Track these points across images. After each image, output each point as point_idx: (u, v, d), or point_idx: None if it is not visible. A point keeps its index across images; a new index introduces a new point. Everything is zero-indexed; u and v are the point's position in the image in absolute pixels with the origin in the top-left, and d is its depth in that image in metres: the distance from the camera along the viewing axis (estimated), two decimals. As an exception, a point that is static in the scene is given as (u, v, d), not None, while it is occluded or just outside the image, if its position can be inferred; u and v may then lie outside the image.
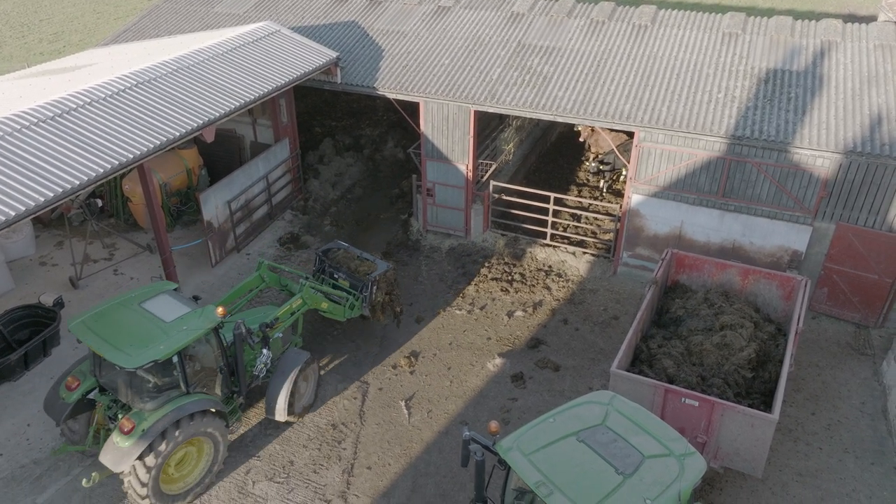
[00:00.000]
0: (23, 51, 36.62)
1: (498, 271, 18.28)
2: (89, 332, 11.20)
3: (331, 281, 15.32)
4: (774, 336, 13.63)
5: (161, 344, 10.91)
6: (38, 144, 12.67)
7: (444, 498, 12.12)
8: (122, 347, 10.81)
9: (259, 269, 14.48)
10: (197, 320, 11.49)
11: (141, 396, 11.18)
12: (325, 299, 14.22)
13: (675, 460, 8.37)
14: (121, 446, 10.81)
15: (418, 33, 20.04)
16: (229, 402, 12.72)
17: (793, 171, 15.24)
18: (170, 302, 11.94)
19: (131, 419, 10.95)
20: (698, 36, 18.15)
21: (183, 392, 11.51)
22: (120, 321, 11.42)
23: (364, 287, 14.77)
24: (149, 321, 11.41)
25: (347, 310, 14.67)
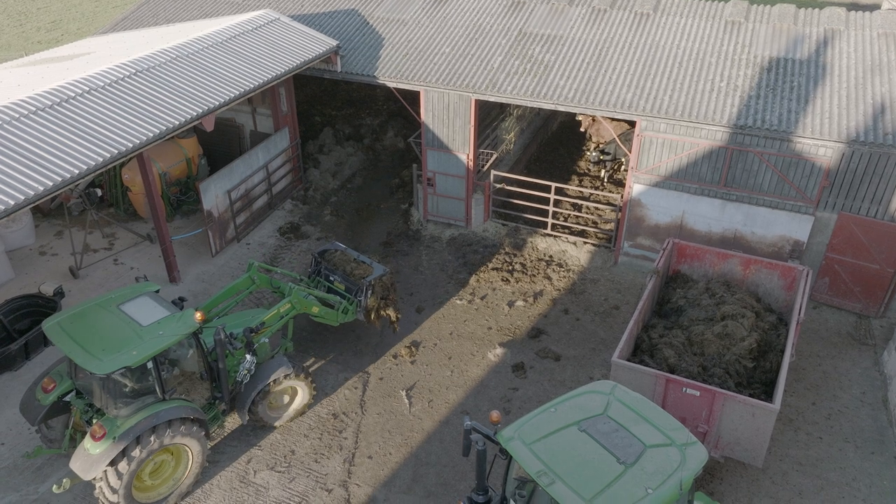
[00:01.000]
0: (20, 39, 36.43)
1: (499, 261, 18.25)
2: (63, 335, 10.78)
3: (326, 283, 14.99)
4: (776, 326, 13.62)
5: (134, 349, 10.48)
6: (36, 133, 12.60)
7: (445, 487, 12.15)
8: (93, 352, 10.39)
9: (249, 271, 13.95)
10: (174, 325, 11.06)
11: (115, 402, 10.77)
12: (316, 303, 13.76)
13: (676, 450, 8.37)
14: (91, 453, 10.50)
15: (419, 21, 19.91)
16: (210, 408, 12.38)
17: (795, 161, 15.18)
18: (149, 305, 11.49)
19: (103, 426, 10.60)
20: (701, 24, 18.02)
21: (159, 398, 11.13)
22: (95, 324, 11.00)
23: (359, 291, 14.43)
24: (125, 325, 10.96)
25: (341, 314, 14.26)
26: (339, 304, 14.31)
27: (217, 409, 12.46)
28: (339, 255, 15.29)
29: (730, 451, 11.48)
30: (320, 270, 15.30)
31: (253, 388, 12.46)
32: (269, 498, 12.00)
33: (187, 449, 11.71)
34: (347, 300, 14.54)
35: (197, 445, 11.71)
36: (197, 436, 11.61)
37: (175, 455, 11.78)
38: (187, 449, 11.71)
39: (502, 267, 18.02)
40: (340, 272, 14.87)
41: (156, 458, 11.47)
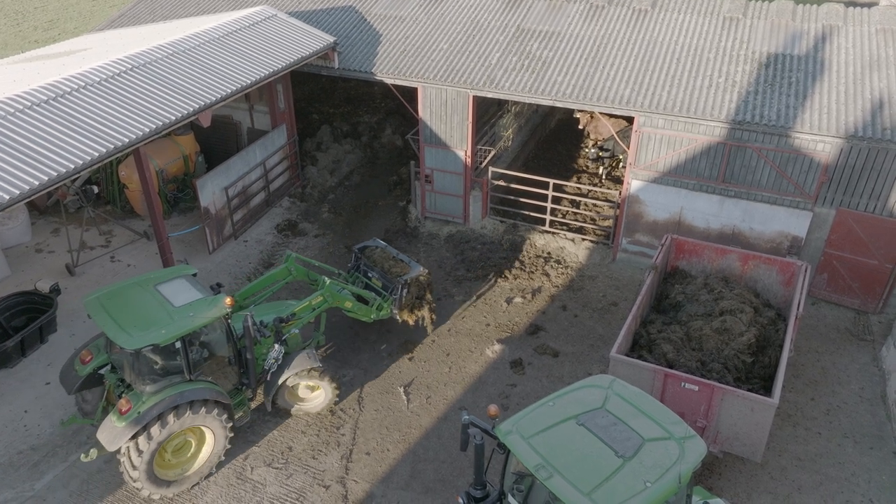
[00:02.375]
0: (17, 38, 36.32)
1: (497, 258, 18.20)
2: (100, 309, 11.25)
3: (364, 279, 15.04)
4: (774, 321, 13.59)
5: (163, 328, 10.83)
6: (32, 128, 12.54)
7: (443, 483, 12.10)
8: (125, 328, 10.79)
9: (287, 262, 13.95)
10: (205, 308, 11.36)
11: (143, 378, 11.11)
12: (349, 298, 13.73)
13: (675, 443, 8.33)
14: (116, 426, 10.81)
15: (416, 18, 19.86)
16: (237, 393, 12.56)
17: (793, 156, 15.15)
18: (184, 287, 11.85)
19: (129, 400, 10.94)
20: (699, 20, 17.99)
21: (186, 379, 11.39)
22: (131, 301, 11.45)
23: (394, 289, 14.39)
24: (158, 304, 11.35)
25: (375, 311, 14.27)
26: (374, 300, 14.31)
27: (243, 394, 12.62)
28: (379, 252, 15.22)
29: (728, 446, 11.44)
30: (359, 266, 15.25)
31: (278, 378, 12.54)
32: (267, 494, 11.95)
33: (210, 431, 11.85)
34: (383, 297, 14.49)
35: (219, 428, 11.85)
36: (219, 419, 11.75)
37: (198, 436, 11.95)
38: (210, 431, 11.85)
39: (500, 264, 17.98)
40: (378, 269, 14.83)
41: (178, 437, 11.65)
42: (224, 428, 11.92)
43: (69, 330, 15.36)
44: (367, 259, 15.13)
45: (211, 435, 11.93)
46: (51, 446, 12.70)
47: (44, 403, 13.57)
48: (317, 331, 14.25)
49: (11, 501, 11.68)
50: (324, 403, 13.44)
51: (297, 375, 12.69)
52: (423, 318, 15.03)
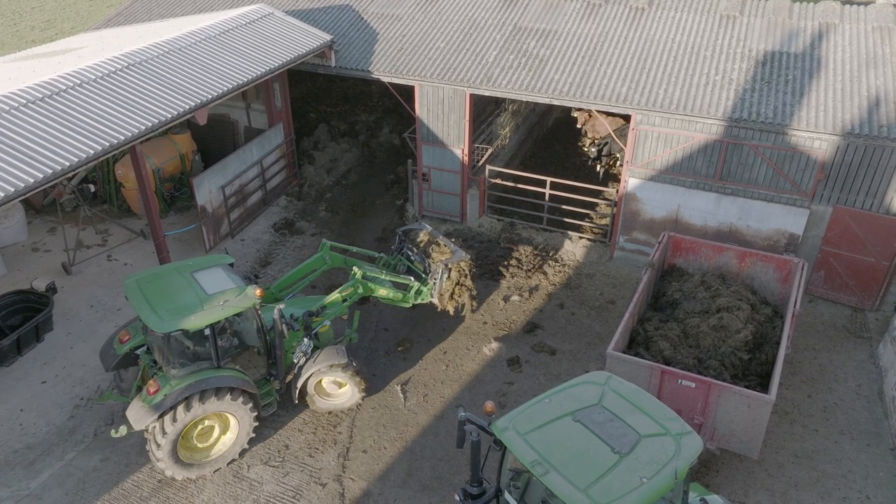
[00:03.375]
0: (14, 38, 36.27)
1: (494, 256, 18.18)
2: (137, 292, 11.54)
3: (406, 262, 14.70)
4: (771, 318, 13.60)
5: (193, 314, 11.04)
6: (27, 125, 12.51)
7: (440, 481, 12.08)
8: (158, 311, 11.06)
9: (322, 250, 13.84)
10: (235, 298, 11.50)
11: (172, 362, 11.35)
12: (385, 285, 13.44)
13: (671, 439, 8.32)
14: (144, 406, 11.15)
15: (413, 16, 19.85)
16: (265, 384, 12.67)
17: (790, 154, 15.16)
18: (220, 276, 12.03)
19: (158, 382, 11.26)
20: (695, 18, 18.00)
21: (214, 365, 11.59)
22: (167, 286, 11.72)
23: (434, 273, 14.02)
24: (192, 290, 11.57)
25: (413, 295, 13.95)
26: (412, 285, 13.88)
27: (271, 385, 12.72)
28: (423, 236, 14.89)
29: (726, 442, 11.44)
30: (402, 249, 14.96)
31: (306, 371, 12.59)
32: (263, 492, 11.93)
33: (234, 418, 11.99)
34: (422, 281, 14.10)
35: (244, 416, 11.98)
36: (244, 407, 11.86)
37: (222, 422, 12.11)
38: (234, 418, 11.99)
39: (497, 262, 17.96)
40: (420, 252, 14.51)
41: (204, 422, 11.84)
42: (249, 416, 12.05)
43: (65, 329, 15.33)
44: (411, 242, 14.77)
45: (235, 422, 12.08)
46: (46, 445, 12.66)
47: (40, 402, 13.54)
48: (350, 328, 14.01)
49: (7, 500, 11.65)
50: (350, 401, 13.38)
51: (323, 370, 12.71)
52: (464, 306, 14.68)
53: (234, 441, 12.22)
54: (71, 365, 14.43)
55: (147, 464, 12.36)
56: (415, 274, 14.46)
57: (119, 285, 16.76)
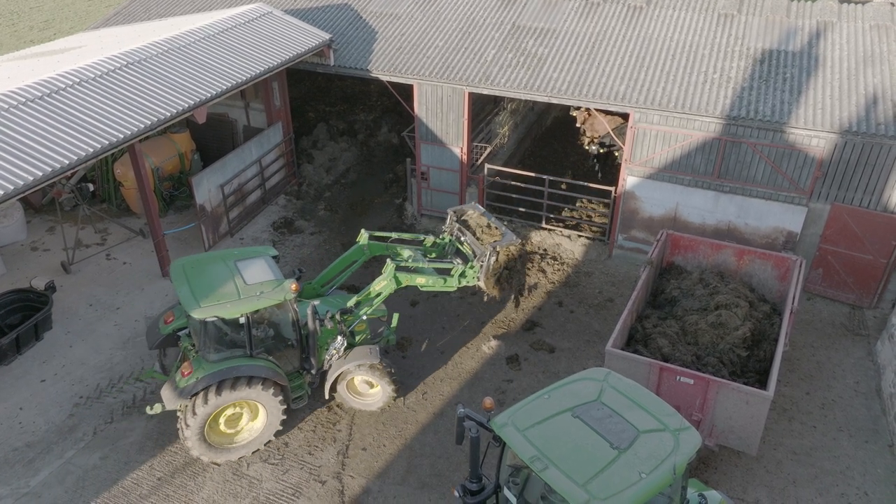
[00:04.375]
0: (13, 39, 36.25)
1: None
2: (181, 275, 11.85)
3: (455, 244, 14.07)
4: (769, 315, 13.63)
5: (229, 303, 11.28)
6: (26, 124, 12.53)
7: (439, 478, 12.10)
8: (196, 296, 11.32)
9: (361, 240, 13.53)
10: (272, 290, 11.63)
11: (207, 346, 11.58)
12: (424, 273, 12.88)
13: (669, 435, 8.34)
14: (177, 387, 11.51)
15: (412, 15, 19.87)
16: (296, 377, 12.73)
17: (788, 152, 15.19)
18: (262, 267, 12.19)
19: (192, 365, 11.55)
20: (693, 17, 18.04)
21: (247, 354, 11.75)
22: (210, 272, 11.97)
23: (481, 256, 13.14)
24: (232, 279, 11.79)
25: (458, 279, 13.07)
26: (455, 268, 13.11)
27: (303, 379, 12.77)
28: (476, 217, 14.12)
29: (724, 439, 11.47)
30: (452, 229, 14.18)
31: (337, 369, 12.63)
32: (263, 490, 11.94)
33: (263, 408, 12.14)
34: (469, 264, 13.31)
35: (273, 407, 12.10)
36: (272, 398, 11.98)
37: (251, 410, 12.30)
38: (263, 408, 12.14)
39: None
40: (471, 234, 13.75)
41: (233, 409, 12.08)
42: (277, 407, 12.13)
43: (64, 327, 15.34)
44: (462, 222, 14.08)
45: (264, 412, 12.19)
46: (46, 443, 12.67)
47: (39, 400, 13.55)
48: (388, 327, 13.77)
49: (6, 498, 11.66)
50: (381, 402, 13.30)
51: (352, 369, 12.71)
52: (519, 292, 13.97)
53: (262, 430, 12.36)
54: (70, 363, 14.44)
55: (146, 462, 12.38)
56: (463, 256, 13.73)
57: (118, 284, 16.78)
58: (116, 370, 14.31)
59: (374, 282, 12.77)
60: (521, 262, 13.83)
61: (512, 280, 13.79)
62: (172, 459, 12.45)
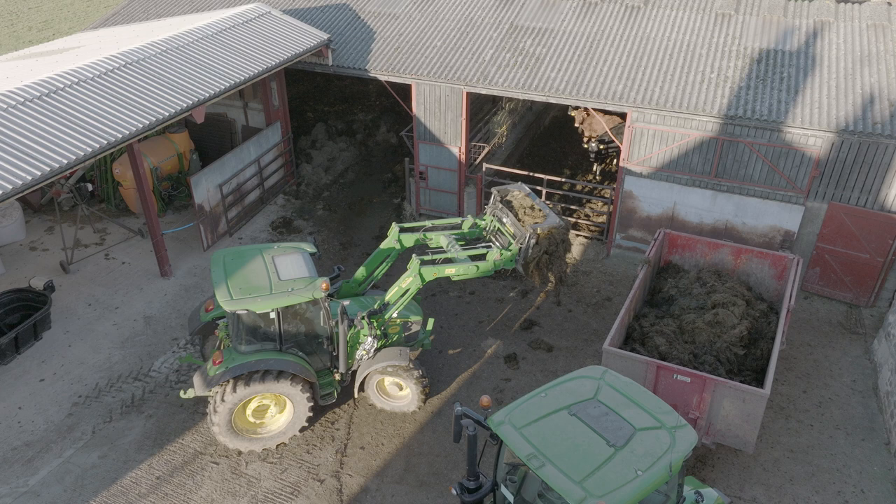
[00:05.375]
0: (11, 39, 36.25)
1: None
2: (220, 266, 12.08)
3: (496, 225, 13.39)
4: (766, 314, 13.67)
5: (260, 297, 11.41)
6: (25, 124, 12.56)
7: (438, 476, 12.14)
8: (230, 288, 11.53)
9: (391, 234, 13.16)
10: (303, 287, 11.70)
11: (239, 337, 11.75)
12: (457, 263, 12.26)
13: (666, 432, 8.38)
14: (207, 374, 11.76)
15: (410, 15, 19.90)
16: (326, 374, 12.77)
17: (785, 151, 15.23)
18: (298, 263, 12.29)
19: (223, 354, 11.74)
20: (691, 17, 18.08)
21: (277, 348, 11.89)
22: (247, 265, 12.15)
23: (520, 238, 12.57)
24: (267, 273, 11.94)
25: (493, 263, 12.46)
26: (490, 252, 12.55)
27: (332, 377, 12.80)
28: (520, 197, 13.46)
29: (721, 437, 11.50)
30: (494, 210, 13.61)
31: (366, 369, 12.62)
32: (261, 489, 11.97)
33: (290, 402, 12.27)
34: (508, 247, 12.78)
35: (299, 401, 12.19)
36: (299, 393, 12.07)
37: (279, 403, 12.44)
38: (290, 402, 12.27)
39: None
40: (512, 215, 13.05)
41: (260, 401, 12.26)
42: (304, 402, 12.21)
43: (63, 327, 15.37)
44: (505, 204, 13.35)
45: (290, 406, 12.28)
46: (45, 442, 12.70)
47: (38, 400, 13.57)
48: (423, 332, 13.58)
49: (6, 497, 11.68)
50: (410, 405, 13.24)
51: (381, 370, 12.67)
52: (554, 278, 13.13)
53: (288, 424, 12.45)
54: (69, 363, 14.47)
55: (145, 461, 12.41)
56: (503, 238, 13.05)
57: (117, 284, 16.81)
58: (115, 369, 14.34)
59: (400, 279, 12.38)
60: (563, 247, 13.00)
61: (552, 266, 12.98)
62: (171, 458, 12.48)
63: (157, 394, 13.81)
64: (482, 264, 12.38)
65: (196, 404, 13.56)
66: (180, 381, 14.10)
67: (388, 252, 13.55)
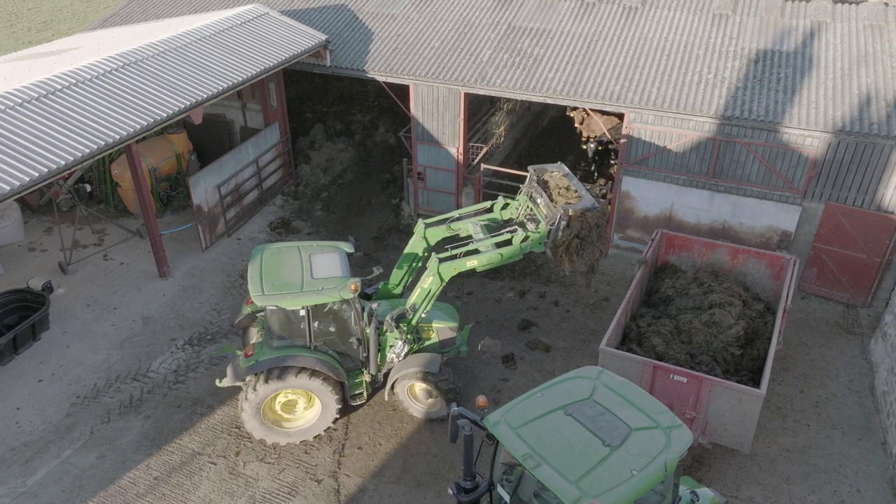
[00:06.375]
0: (11, 40, 36.27)
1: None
2: (258, 260, 12.29)
3: (529, 205, 12.44)
4: (763, 314, 13.70)
5: (290, 294, 11.55)
6: (23, 125, 12.59)
7: (435, 476, 12.16)
8: (264, 283, 11.72)
9: (417, 232, 12.69)
10: (333, 287, 11.74)
11: (271, 332, 11.91)
12: (483, 254, 11.57)
13: (661, 432, 8.40)
14: (239, 366, 11.99)
15: (408, 16, 19.94)
16: (356, 374, 12.77)
17: (782, 151, 15.27)
18: (334, 262, 12.33)
19: (254, 348, 11.96)
20: (688, 17, 18.11)
21: (306, 345, 12.00)
22: (284, 262, 12.29)
23: (550, 219, 11.60)
24: (300, 271, 12.06)
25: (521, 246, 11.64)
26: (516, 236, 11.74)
27: (362, 377, 12.80)
28: (557, 177, 12.40)
29: (717, 437, 11.53)
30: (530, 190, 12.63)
31: (396, 373, 12.57)
32: (259, 489, 11.99)
33: (318, 399, 12.37)
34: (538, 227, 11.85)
35: (327, 400, 12.26)
36: (328, 392, 12.15)
37: (307, 400, 12.57)
38: (318, 399, 12.37)
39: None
40: (546, 196, 12.02)
41: (289, 396, 12.44)
42: (332, 401, 12.27)
43: (61, 328, 15.39)
44: (541, 183, 12.40)
45: (319, 403, 12.38)
46: (43, 443, 12.72)
47: (36, 400, 13.59)
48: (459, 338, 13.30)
49: (4, 497, 11.71)
50: (440, 412, 13.02)
51: (408, 375, 12.52)
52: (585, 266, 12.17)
53: (315, 421, 12.53)
54: (67, 363, 14.49)
55: (143, 461, 12.43)
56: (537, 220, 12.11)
57: (115, 284, 16.84)
58: (113, 370, 14.37)
59: (421, 279, 11.97)
60: (597, 232, 11.89)
61: (583, 252, 11.83)
62: (169, 459, 12.50)
63: (156, 394, 13.84)
64: (507, 249, 11.56)
65: (194, 405, 13.60)
66: (178, 382, 14.13)
67: (415, 251, 13.03)
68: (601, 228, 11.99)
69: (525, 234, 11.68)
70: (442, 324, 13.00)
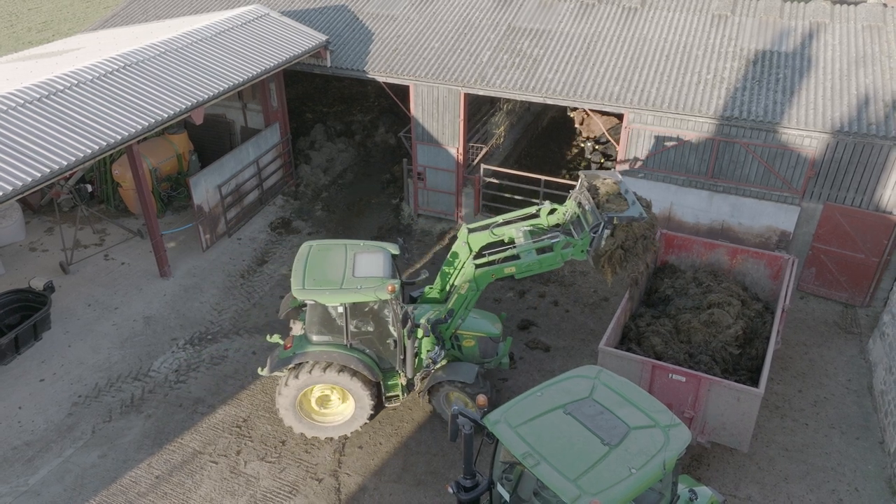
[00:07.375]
0: (11, 40, 36.33)
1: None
2: (304, 256, 12.42)
3: (576, 210, 12.05)
4: (761, 314, 13.75)
5: (328, 291, 11.61)
6: (24, 125, 12.64)
7: (435, 475, 12.22)
8: (307, 278, 11.82)
9: (461, 237, 12.31)
10: (370, 287, 11.75)
11: (311, 327, 12.04)
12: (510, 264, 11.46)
13: (660, 431, 8.45)
14: (277, 357, 12.20)
15: (408, 16, 19.99)
16: (391, 375, 12.72)
17: (781, 152, 15.32)
18: (377, 262, 12.30)
19: (293, 341, 12.12)
20: (687, 18, 18.17)
21: (342, 343, 12.10)
22: (328, 258, 12.38)
23: (594, 226, 11.20)
24: (343, 268, 12.12)
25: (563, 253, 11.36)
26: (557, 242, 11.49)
27: (397, 378, 12.76)
28: (608, 185, 12.14)
29: (716, 436, 11.59)
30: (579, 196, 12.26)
31: (433, 380, 12.49)
32: (260, 488, 12.05)
33: (352, 397, 12.44)
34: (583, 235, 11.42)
35: (361, 398, 12.32)
36: (361, 390, 12.20)
37: (342, 397, 12.67)
38: (352, 397, 12.44)
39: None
40: (592, 202, 11.70)
41: (323, 391, 12.57)
42: (366, 400, 12.31)
43: (63, 327, 15.45)
44: (591, 190, 12.06)
45: (353, 401, 12.46)
46: (45, 442, 12.78)
47: (38, 400, 13.65)
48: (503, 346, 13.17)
49: (6, 496, 11.76)
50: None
51: (444, 383, 12.41)
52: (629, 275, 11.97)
53: (348, 419, 12.60)
54: (69, 363, 14.55)
55: (144, 460, 12.49)
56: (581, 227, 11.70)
57: (116, 284, 16.89)
58: (115, 370, 14.43)
59: (458, 285, 11.88)
60: (642, 244, 11.56)
61: (626, 263, 11.52)
62: (170, 458, 12.56)
63: (157, 394, 13.90)
64: (546, 257, 11.32)
65: (195, 404, 13.66)
66: (179, 381, 14.18)
67: (458, 257, 12.56)
68: (648, 241, 11.60)
69: (566, 240, 11.32)
70: (482, 333, 12.70)
